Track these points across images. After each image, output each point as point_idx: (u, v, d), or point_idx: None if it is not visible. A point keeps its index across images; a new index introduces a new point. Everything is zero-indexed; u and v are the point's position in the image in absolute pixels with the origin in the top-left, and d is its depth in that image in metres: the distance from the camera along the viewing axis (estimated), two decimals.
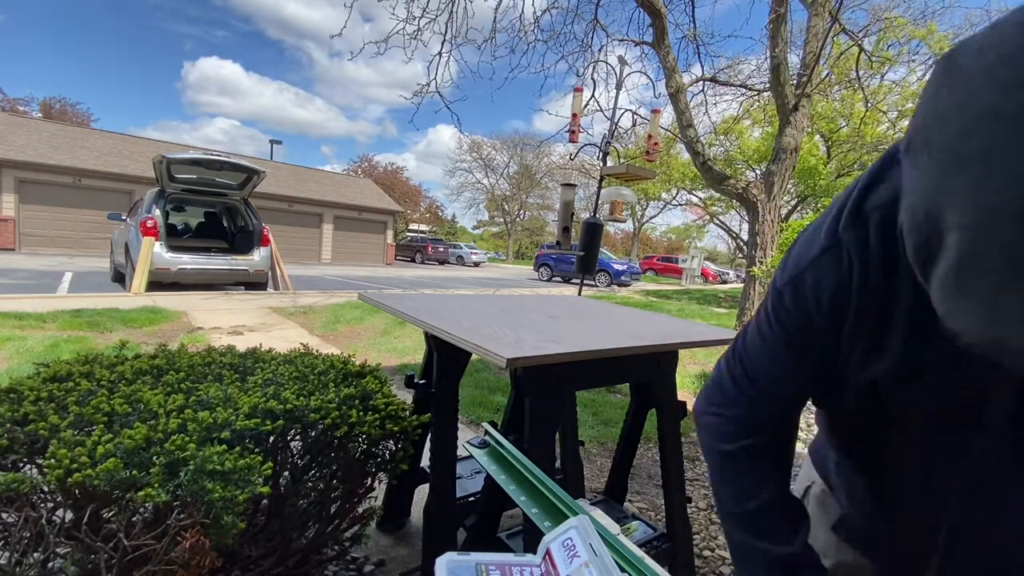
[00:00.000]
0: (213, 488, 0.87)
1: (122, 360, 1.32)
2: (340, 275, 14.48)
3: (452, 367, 1.46)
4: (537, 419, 1.14)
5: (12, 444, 0.96)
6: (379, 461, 1.31)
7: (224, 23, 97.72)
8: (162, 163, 7.13)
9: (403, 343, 4.87)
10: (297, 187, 20.88)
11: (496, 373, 3.97)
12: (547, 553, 0.53)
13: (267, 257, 8.37)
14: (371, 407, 1.26)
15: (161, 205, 7.55)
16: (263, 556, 1.14)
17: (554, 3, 5.95)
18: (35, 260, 12.19)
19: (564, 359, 1.08)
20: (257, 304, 6.65)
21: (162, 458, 0.89)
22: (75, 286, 8.14)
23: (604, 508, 1.69)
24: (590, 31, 6.15)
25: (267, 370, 1.30)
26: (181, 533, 0.85)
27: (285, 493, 1.14)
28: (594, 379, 1.31)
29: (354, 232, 22.35)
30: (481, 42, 5.88)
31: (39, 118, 23.35)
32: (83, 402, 1.04)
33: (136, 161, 16.84)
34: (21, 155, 14.79)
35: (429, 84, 5.84)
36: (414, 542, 1.70)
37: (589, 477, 2.36)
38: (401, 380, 1.76)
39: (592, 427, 3.02)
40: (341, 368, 1.40)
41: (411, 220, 40.80)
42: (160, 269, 7.23)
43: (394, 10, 5.47)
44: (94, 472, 0.84)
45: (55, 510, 0.91)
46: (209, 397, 1.10)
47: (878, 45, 8.96)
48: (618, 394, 3.73)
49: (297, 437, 1.16)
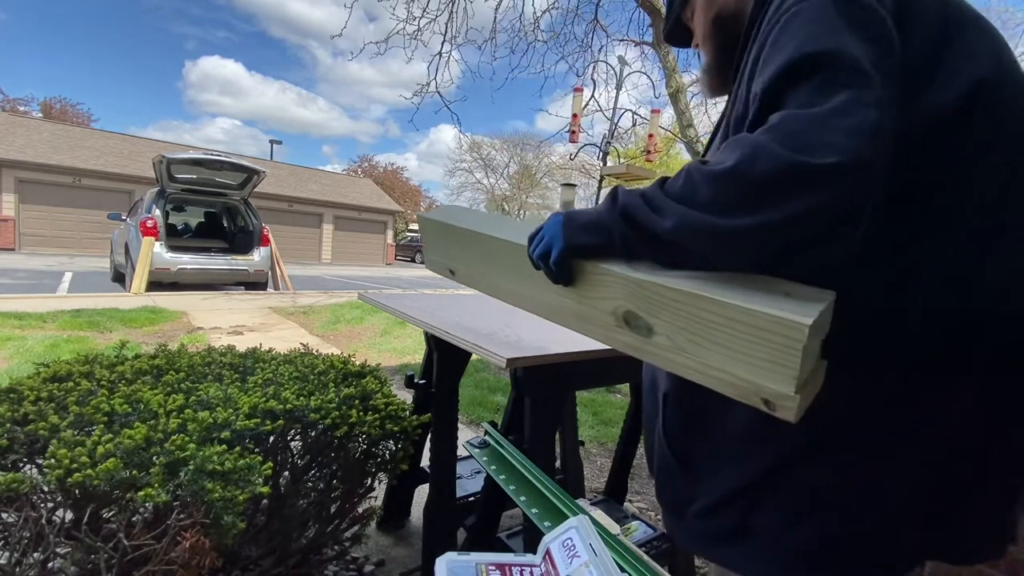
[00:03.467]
0: (213, 488, 0.87)
1: (122, 360, 1.32)
2: (340, 275, 14.48)
3: (452, 367, 1.46)
4: (537, 419, 1.14)
5: (12, 444, 0.96)
6: (379, 461, 1.31)
7: (226, 22, 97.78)
8: (162, 163, 7.13)
9: (403, 343, 4.87)
10: (297, 187, 20.88)
11: (496, 373, 3.97)
12: (547, 553, 0.53)
13: (267, 257, 8.37)
14: (371, 407, 1.26)
15: (161, 205, 7.55)
16: (263, 556, 1.14)
17: (554, 3, 5.95)
18: (35, 260, 12.19)
19: (564, 359, 1.08)
20: (257, 304, 6.65)
21: (162, 458, 0.89)
22: (75, 286, 8.14)
23: (604, 508, 1.69)
24: (590, 31, 6.15)
25: (267, 370, 1.30)
26: (181, 533, 0.85)
27: (285, 493, 1.14)
28: (594, 379, 1.31)
29: (354, 232, 22.35)
30: (481, 42, 5.88)
31: (39, 118, 23.35)
32: (83, 402, 1.04)
33: (136, 161, 16.83)
34: (21, 155, 14.79)
35: (429, 84, 5.84)
36: (414, 542, 1.70)
37: (589, 477, 2.36)
38: (401, 380, 1.76)
39: (592, 427, 3.02)
40: (341, 368, 1.40)
41: (411, 220, 40.82)
42: (160, 269, 7.23)
43: (394, 10, 5.47)
44: (94, 472, 0.84)
45: (55, 510, 0.91)
46: (209, 397, 1.10)
47: None
48: (618, 394, 3.73)
49: (297, 437, 1.16)
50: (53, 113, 31.47)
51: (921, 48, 0.56)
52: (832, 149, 0.44)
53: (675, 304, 0.59)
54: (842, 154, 0.44)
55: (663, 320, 0.62)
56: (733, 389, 0.57)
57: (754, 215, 0.47)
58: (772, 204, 0.46)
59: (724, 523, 0.70)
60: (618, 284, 0.65)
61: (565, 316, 0.77)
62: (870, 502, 0.62)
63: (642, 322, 0.65)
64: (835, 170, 0.44)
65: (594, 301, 0.70)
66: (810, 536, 0.64)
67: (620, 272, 0.64)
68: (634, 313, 0.65)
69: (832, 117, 0.45)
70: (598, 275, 0.67)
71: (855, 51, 0.49)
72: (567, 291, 0.73)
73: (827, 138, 0.44)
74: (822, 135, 0.44)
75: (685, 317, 0.59)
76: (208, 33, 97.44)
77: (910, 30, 0.56)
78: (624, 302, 0.66)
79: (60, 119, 26.09)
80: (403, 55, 5.06)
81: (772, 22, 0.56)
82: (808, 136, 0.45)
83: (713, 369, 0.58)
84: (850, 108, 0.45)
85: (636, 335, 0.67)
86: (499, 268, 0.89)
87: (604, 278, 0.67)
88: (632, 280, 0.63)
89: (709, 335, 0.57)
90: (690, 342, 0.59)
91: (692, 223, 0.52)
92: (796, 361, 0.50)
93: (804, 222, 0.46)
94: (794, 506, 0.65)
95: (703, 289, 0.56)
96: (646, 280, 0.61)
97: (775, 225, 0.47)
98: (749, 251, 0.51)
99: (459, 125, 6.16)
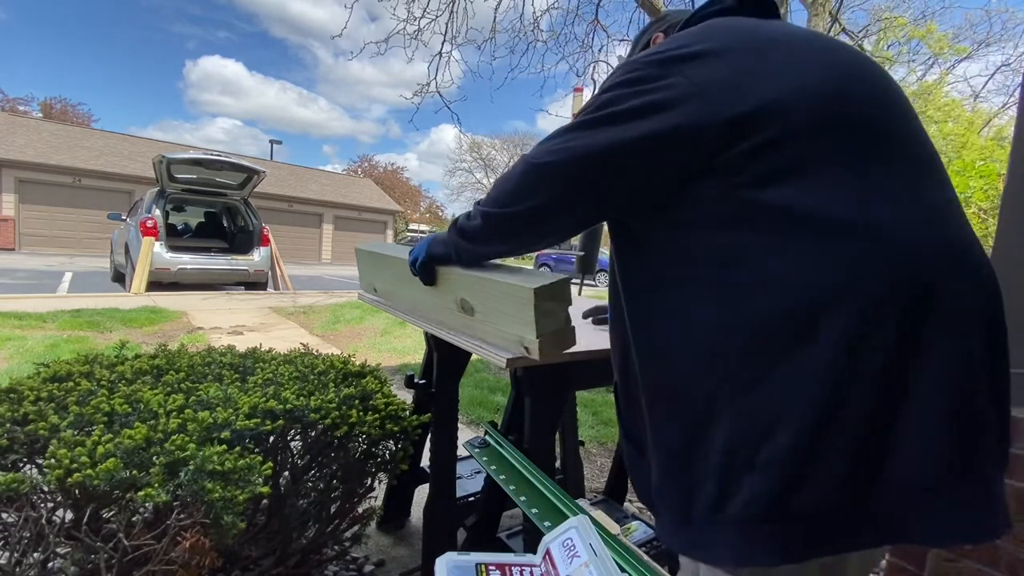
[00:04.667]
0: (213, 488, 0.87)
1: (122, 360, 1.32)
2: (340, 275, 14.48)
3: (452, 367, 1.46)
4: (537, 419, 1.14)
5: (12, 444, 0.96)
6: (379, 461, 1.31)
7: (226, 22, 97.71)
8: (162, 163, 7.13)
9: (403, 343, 4.87)
10: (297, 187, 20.88)
11: (496, 373, 3.97)
12: (547, 553, 0.53)
13: (267, 257, 8.36)
14: (371, 407, 1.26)
15: (161, 205, 7.54)
16: (263, 556, 1.14)
17: (554, 3, 5.95)
18: (35, 260, 12.19)
19: (564, 359, 1.08)
20: (257, 304, 6.65)
21: (162, 458, 0.89)
22: (75, 286, 8.14)
23: (604, 508, 1.69)
24: (590, 31, 6.16)
25: (267, 370, 1.30)
26: (181, 533, 0.85)
27: (285, 493, 1.14)
28: (594, 379, 1.31)
29: (354, 232, 22.34)
30: (481, 42, 5.88)
31: (39, 118, 23.35)
32: (83, 402, 1.04)
33: (136, 161, 16.84)
34: (21, 155, 14.79)
35: (429, 84, 5.84)
36: (414, 542, 1.70)
37: (589, 477, 2.36)
38: (401, 380, 1.76)
39: (592, 427, 3.02)
40: (341, 368, 1.40)
41: (411, 220, 40.79)
42: (160, 269, 7.23)
43: (395, 10, 5.47)
44: (94, 472, 0.84)
45: (55, 510, 0.91)
46: (209, 397, 1.10)
47: (878, 45, 8.96)
48: None
49: (297, 437, 1.16)
50: (53, 113, 31.46)
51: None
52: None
53: (481, 287, 0.91)
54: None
55: (478, 300, 0.95)
56: (512, 344, 0.89)
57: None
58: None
59: (673, 507, 0.64)
60: (456, 279, 0.98)
61: (434, 309, 1.13)
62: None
63: (469, 305, 0.98)
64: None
65: (446, 295, 1.04)
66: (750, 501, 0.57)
67: (458, 270, 0.95)
68: (465, 299, 0.98)
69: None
70: (445, 274, 1.00)
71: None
72: (432, 290, 1.07)
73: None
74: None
75: (486, 296, 0.91)
76: (209, 33, 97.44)
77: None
78: (461, 292, 0.98)
79: (60, 119, 26.08)
80: (404, 55, 5.04)
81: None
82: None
83: (503, 331, 0.91)
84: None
85: (466, 315, 1.00)
86: (401, 282, 1.24)
87: (449, 276, 1.00)
88: (463, 274, 0.94)
89: (498, 306, 0.89)
90: (491, 313, 0.92)
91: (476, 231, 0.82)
92: (531, 315, 0.80)
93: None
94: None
95: (492, 275, 0.87)
96: (469, 273, 0.92)
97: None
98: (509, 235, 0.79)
99: (459, 125, 6.16)
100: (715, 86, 0.59)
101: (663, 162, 0.62)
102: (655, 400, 0.67)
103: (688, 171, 0.61)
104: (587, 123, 0.64)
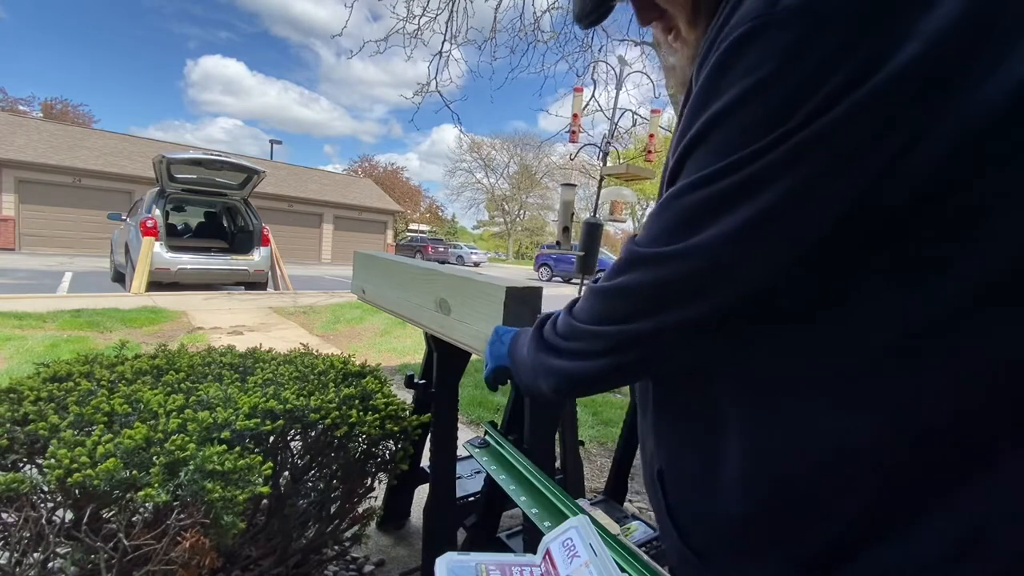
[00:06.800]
0: (213, 488, 0.87)
1: (122, 360, 1.32)
2: (340, 275, 14.48)
3: (452, 367, 1.46)
4: (537, 419, 1.14)
5: (12, 444, 0.96)
6: (379, 461, 1.31)
7: (228, 22, 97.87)
8: (162, 163, 7.13)
9: (403, 343, 4.87)
10: (297, 187, 20.88)
11: None
12: (547, 553, 0.53)
13: (267, 257, 8.37)
14: (371, 407, 1.26)
15: (161, 205, 7.55)
16: (263, 556, 1.14)
17: (555, 3, 5.95)
18: (35, 260, 12.19)
19: None
20: (257, 304, 6.65)
21: (162, 458, 0.89)
22: (75, 286, 8.14)
23: (604, 508, 1.69)
24: (590, 31, 6.15)
25: (267, 370, 1.31)
26: (181, 533, 0.85)
27: (285, 493, 1.14)
28: None
29: (354, 232, 22.35)
30: (481, 42, 5.88)
31: (40, 118, 23.36)
32: (83, 402, 1.04)
33: (136, 161, 16.84)
34: (21, 155, 14.80)
35: (429, 84, 5.84)
36: (414, 542, 1.70)
37: (589, 477, 2.36)
38: (401, 380, 1.76)
39: (592, 427, 3.02)
40: (341, 368, 1.40)
41: (411, 220, 40.81)
42: (160, 269, 7.23)
43: (394, 8, 5.47)
44: (94, 472, 0.84)
45: (55, 510, 0.91)
46: (209, 397, 1.10)
47: None
48: (618, 394, 3.73)
49: (297, 437, 1.16)
50: (54, 114, 31.50)
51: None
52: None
53: (461, 287, 1.03)
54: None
55: (456, 300, 1.04)
56: (479, 343, 0.95)
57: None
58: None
59: None
60: (439, 280, 1.11)
61: (414, 309, 1.24)
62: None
63: (447, 304, 1.07)
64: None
65: (427, 295, 1.15)
66: None
67: (443, 270, 1.12)
68: (444, 299, 1.08)
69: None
70: (430, 274, 1.16)
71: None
72: (416, 290, 1.20)
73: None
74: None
75: (464, 295, 1.02)
76: (210, 33, 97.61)
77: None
78: (442, 292, 1.09)
79: (61, 119, 26.09)
80: (405, 54, 4.98)
81: (728, 33, 0.39)
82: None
83: (474, 329, 0.98)
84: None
85: (443, 314, 1.09)
86: (390, 283, 1.37)
87: (434, 277, 1.14)
88: (447, 275, 1.08)
89: (473, 305, 0.99)
90: (466, 312, 1.01)
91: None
92: (500, 312, 0.90)
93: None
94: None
95: (472, 277, 1.01)
96: (453, 274, 1.06)
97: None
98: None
99: (460, 124, 6.16)
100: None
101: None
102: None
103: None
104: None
